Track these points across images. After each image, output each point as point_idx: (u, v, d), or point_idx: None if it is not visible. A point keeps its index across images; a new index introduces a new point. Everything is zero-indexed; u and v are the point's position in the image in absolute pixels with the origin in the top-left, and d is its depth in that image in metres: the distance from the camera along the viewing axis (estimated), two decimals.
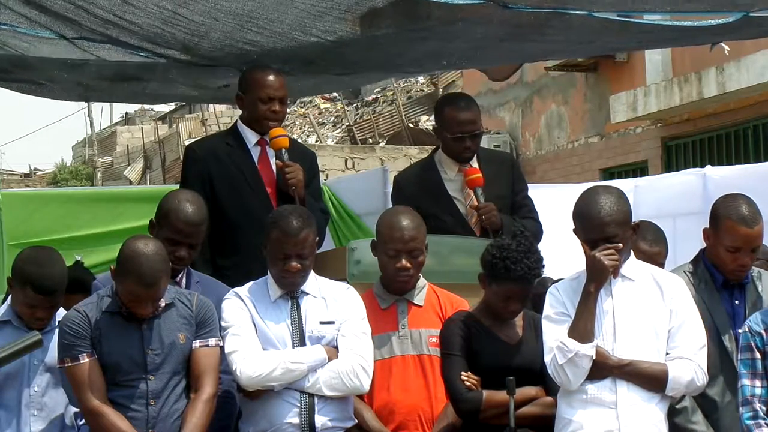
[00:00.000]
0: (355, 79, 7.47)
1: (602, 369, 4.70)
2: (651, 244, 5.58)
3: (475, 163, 6.19)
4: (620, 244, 4.74)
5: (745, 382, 4.67)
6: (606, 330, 4.75)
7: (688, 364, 4.73)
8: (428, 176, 6.20)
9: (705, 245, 5.15)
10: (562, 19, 5.75)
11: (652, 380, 4.71)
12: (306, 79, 7.01)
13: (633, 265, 4.86)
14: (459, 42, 6.20)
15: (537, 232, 6.20)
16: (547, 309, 4.86)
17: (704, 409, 4.95)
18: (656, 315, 4.77)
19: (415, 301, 5.21)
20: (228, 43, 5.97)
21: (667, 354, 4.75)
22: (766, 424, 4.62)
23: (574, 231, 4.87)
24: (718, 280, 5.08)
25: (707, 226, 5.13)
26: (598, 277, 4.73)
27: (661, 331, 4.76)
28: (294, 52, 6.14)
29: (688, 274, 5.11)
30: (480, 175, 6.08)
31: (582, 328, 4.71)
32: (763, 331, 4.66)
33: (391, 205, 6.63)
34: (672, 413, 4.91)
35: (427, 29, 5.83)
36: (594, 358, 4.68)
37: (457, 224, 6.09)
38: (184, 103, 34.98)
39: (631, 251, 4.90)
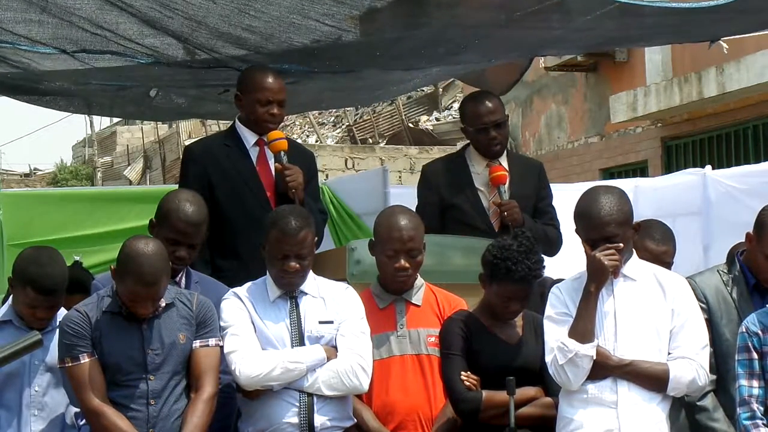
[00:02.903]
0: (355, 83, 7.46)
1: (603, 369, 4.71)
2: (659, 243, 5.59)
3: (504, 162, 6.26)
4: (621, 244, 4.75)
5: (743, 382, 4.68)
6: (607, 330, 4.76)
7: (690, 364, 4.73)
8: (457, 168, 6.29)
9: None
10: (561, 3, 5.77)
11: (653, 380, 4.71)
12: (305, 83, 6.99)
13: (635, 265, 4.86)
14: (458, 29, 6.21)
15: (557, 240, 6.27)
16: (549, 309, 4.87)
17: (727, 408, 4.95)
18: (658, 315, 4.77)
19: (413, 301, 5.21)
20: (226, 30, 5.96)
21: (669, 354, 4.75)
22: (763, 424, 4.63)
23: (576, 231, 4.87)
24: (750, 282, 5.08)
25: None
26: (598, 277, 4.74)
27: (663, 331, 4.77)
28: (291, 40, 6.12)
29: (721, 273, 5.12)
30: (504, 172, 6.15)
31: (582, 328, 4.71)
32: (759, 332, 4.66)
33: (392, 204, 6.66)
34: (693, 411, 4.92)
35: (426, 14, 5.86)
36: (594, 358, 4.69)
37: (477, 216, 6.16)
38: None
39: (634, 251, 4.90)
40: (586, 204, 4.83)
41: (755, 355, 4.67)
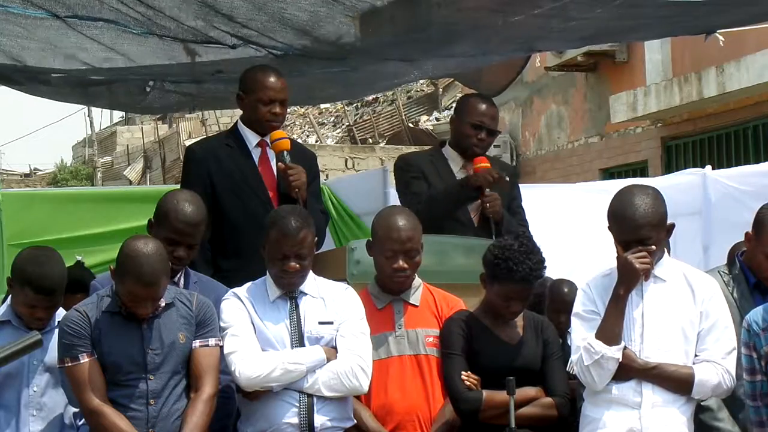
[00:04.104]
0: (348, 77, 7.44)
1: (628, 371, 4.70)
2: None
3: None
4: (653, 247, 4.71)
5: (746, 377, 4.68)
6: (635, 332, 4.73)
7: (715, 368, 4.71)
8: (439, 163, 6.34)
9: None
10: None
11: (678, 384, 4.70)
12: (298, 78, 6.97)
13: (666, 265, 4.83)
14: (451, 9, 6.22)
15: None
16: (578, 306, 4.85)
17: (731, 408, 4.95)
18: (686, 317, 4.74)
19: (411, 301, 5.20)
20: None
21: (696, 356, 4.73)
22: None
23: (609, 229, 4.82)
24: (750, 281, 5.07)
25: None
26: (628, 279, 4.70)
27: (691, 334, 4.74)
28: (283, 11, 6.09)
29: (722, 274, 5.11)
30: (488, 164, 6.16)
31: (609, 330, 4.69)
32: (761, 332, 4.63)
33: (392, 204, 6.66)
34: (698, 410, 4.90)
35: (424, 4, 5.87)
36: (620, 360, 4.67)
37: (461, 210, 6.20)
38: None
39: (665, 250, 4.87)
40: (621, 205, 4.77)
41: (755, 354, 4.66)
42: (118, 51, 6.55)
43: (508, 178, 6.42)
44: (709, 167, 9.21)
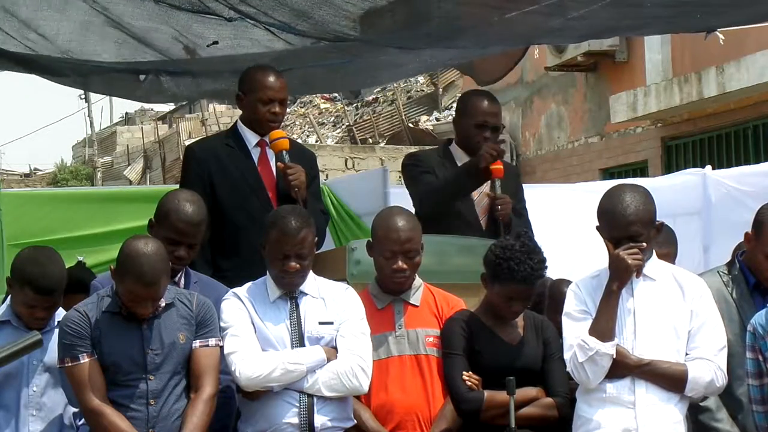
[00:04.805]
0: (346, 67, 7.42)
1: (622, 368, 4.70)
2: (661, 245, 5.58)
3: None
4: (644, 244, 4.73)
5: (752, 381, 4.68)
6: (626, 329, 4.74)
7: (708, 365, 4.72)
8: (448, 162, 6.31)
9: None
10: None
11: (671, 380, 4.71)
12: (298, 58, 6.94)
13: (654, 265, 4.86)
14: (452, 4, 6.21)
15: None
16: (568, 306, 4.86)
17: (730, 408, 4.95)
18: (677, 315, 4.76)
19: (411, 301, 5.20)
20: None
21: (686, 354, 4.74)
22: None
23: (598, 228, 4.84)
24: (750, 282, 5.08)
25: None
26: (621, 276, 4.72)
27: (682, 332, 4.76)
28: None
29: (721, 274, 5.12)
30: (501, 167, 6.15)
31: (603, 326, 4.70)
32: (766, 335, 4.61)
33: (392, 204, 6.66)
34: (696, 411, 4.91)
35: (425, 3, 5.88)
36: (614, 356, 4.68)
37: (468, 211, 6.19)
38: (184, 102, 35.05)
39: (653, 250, 4.89)
40: (612, 202, 4.80)
41: (760, 357, 4.66)
42: (111, 12, 6.47)
43: (517, 174, 6.42)
44: (709, 167, 9.21)
